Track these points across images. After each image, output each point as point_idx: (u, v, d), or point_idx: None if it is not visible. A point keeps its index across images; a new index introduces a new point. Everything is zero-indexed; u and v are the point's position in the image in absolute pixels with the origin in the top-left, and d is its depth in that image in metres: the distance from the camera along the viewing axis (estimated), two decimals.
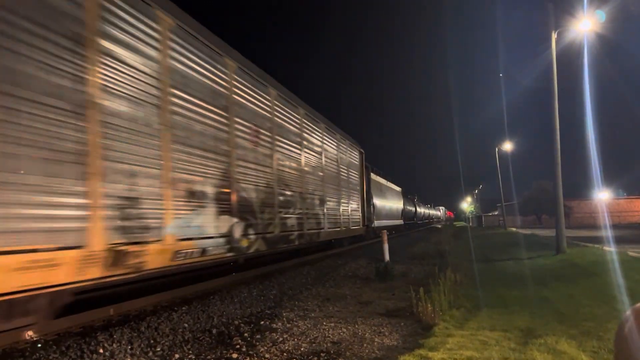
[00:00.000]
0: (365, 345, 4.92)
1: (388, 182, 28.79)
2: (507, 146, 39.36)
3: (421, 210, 54.03)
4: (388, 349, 4.77)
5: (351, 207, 15.66)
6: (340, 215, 14.04)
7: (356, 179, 16.84)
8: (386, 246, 11.29)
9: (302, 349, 4.82)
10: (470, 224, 70.86)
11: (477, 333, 5.10)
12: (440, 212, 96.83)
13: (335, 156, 14.12)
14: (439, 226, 60.15)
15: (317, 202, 11.92)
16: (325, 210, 12.54)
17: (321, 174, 12.42)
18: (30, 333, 4.89)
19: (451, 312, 6.19)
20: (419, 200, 57.45)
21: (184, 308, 6.62)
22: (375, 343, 4.99)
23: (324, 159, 12.78)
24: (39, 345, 4.71)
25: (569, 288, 8.04)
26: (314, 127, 12.25)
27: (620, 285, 7.72)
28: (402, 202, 33.87)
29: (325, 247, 15.45)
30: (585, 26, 13.99)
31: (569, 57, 14.89)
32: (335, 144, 14.18)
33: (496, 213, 70.64)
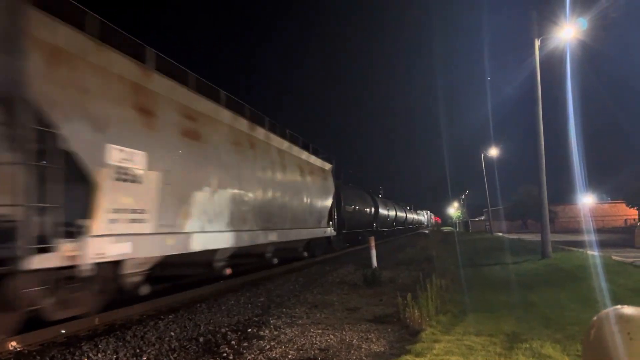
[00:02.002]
0: (352, 351, 4.92)
1: (255, 126, 11.28)
2: (493, 151, 39.72)
3: (391, 213, 36.33)
4: (375, 355, 4.78)
5: None
6: None
7: None
8: (374, 252, 11.35)
9: (289, 357, 4.80)
10: (458, 229, 71.11)
11: (463, 338, 5.14)
12: (424, 217, 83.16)
13: None
14: (427, 231, 59.75)
15: None
16: None
17: None
18: (14, 343, 4.82)
19: (438, 318, 6.21)
20: (388, 199, 41.22)
21: (170, 316, 6.58)
22: (363, 349, 4.99)
23: None
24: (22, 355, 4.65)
25: (555, 292, 8.13)
26: None
27: (605, 289, 7.83)
28: (331, 193, 17.96)
29: None
30: (568, 34, 14.23)
31: (553, 64, 15.14)
32: None
33: (483, 218, 71.18)
